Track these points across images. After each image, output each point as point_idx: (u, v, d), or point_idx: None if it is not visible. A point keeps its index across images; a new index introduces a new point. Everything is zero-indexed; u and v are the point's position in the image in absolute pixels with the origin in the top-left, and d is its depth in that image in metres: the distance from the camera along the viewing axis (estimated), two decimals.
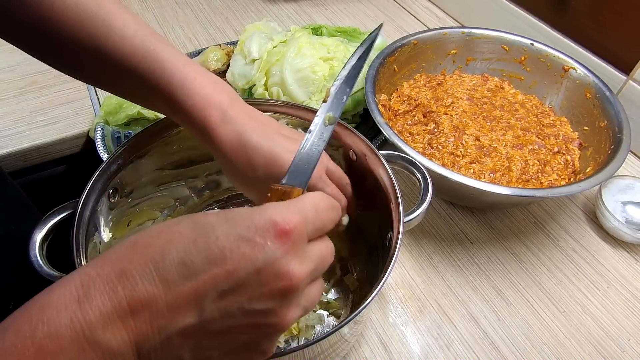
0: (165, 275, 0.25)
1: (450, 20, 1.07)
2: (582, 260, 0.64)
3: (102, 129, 0.72)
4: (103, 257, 0.27)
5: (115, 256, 0.27)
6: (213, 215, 0.28)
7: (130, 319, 0.25)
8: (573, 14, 0.80)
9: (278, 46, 0.78)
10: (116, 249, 0.27)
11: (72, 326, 0.24)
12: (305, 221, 0.28)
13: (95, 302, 0.25)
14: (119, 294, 0.25)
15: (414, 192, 0.72)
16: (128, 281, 0.25)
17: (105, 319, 0.25)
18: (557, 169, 0.66)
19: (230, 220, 0.27)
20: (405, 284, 0.61)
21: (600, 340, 0.56)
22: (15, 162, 0.74)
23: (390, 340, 0.55)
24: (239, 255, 0.26)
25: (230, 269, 0.26)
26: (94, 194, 0.46)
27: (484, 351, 0.55)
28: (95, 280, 0.26)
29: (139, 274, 0.25)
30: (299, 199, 0.30)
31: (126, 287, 0.25)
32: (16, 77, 0.85)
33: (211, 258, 0.26)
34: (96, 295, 0.25)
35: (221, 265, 0.26)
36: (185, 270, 0.25)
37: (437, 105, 0.73)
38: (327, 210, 0.30)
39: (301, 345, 0.37)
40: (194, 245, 0.26)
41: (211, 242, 0.26)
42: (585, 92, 0.72)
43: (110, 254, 0.27)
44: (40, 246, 0.42)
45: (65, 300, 0.25)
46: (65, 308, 0.25)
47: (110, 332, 0.25)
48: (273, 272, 0.26)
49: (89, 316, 0.25)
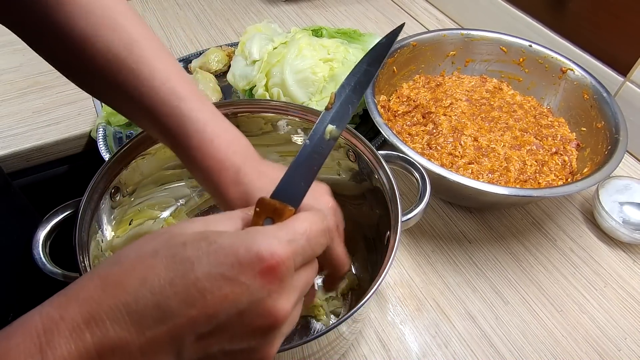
0: (139, 320, 0.24)
1: (450, 22, 1.08)
2: (579, 260, 0.65)
3: (104, 129, 0.73)
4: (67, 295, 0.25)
5: (82, 296, 0.25)
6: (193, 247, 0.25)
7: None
8: (571, 16, 0.81)
9: (278, 47, 0.79)
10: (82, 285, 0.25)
11: None
12: (295, 253, 0.26)
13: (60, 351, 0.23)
14: (87, 340, 0.23)
15: (412, 192, 0.72)
16: (97, 327, 0.23)
17: None
18: (555, 170, 0.67)
19: (212, 255, 0.25)
20: (404, 283, 0.61)
21: (597, 339, 0.57)
22: (18, 162, 0.75)
23: (388, 339, 0.56)
24: (221, 298, 0.24)
25: (211, 312, 0.24)
26: (96, 193, 0.47)
27: (481, 349, 0.55)
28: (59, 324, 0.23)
29: (109, 319, 0.24)
30: (290, 224, 0.28)
31: (95, 334, 0.23)
32: (19, 77, 0.86)
33: (189, 301, 0.24)
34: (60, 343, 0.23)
35: (200, 308, 0.24)
36: (161, 315, 0.24)
37: (436, 106, 0.74)
38: (319, 236, 0.28)
39: (299, 342, 0.38)
40: (171, 287, 0.24)
41: (190, 284, 0.24)
42: (582, 93, 0.72)
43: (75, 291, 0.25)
44: (44, 244, 0.43)
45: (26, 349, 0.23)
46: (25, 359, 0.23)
47: None
48: (257, 313, 0.25)
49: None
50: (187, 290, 0.24)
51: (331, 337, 0.43)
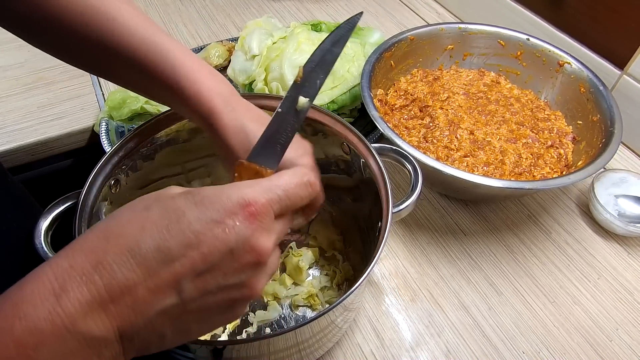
0: (143, 262, 0.26)
1: (450, 15, 1.08)
2: (573, 252, 0.66)
3: (106, 123, 0.74)
4: (73, 248, 0.27)
5: (87, 247, 0.27)
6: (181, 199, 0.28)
7: (110, 305, 0.26)
8: (569, 10, 0.81)
9: (278, 42, 0.80)
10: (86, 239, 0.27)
11: (51, 319, 0.24)
12: (271, 201, 0.29)
13: (73, 294, 0.25)
14: (97, 283, 0.25)
15: (408, 184, 0.73)
16: (105, 270, 0.26)
17: (85, 308, 0.25)
18: (550, 163, 0.68)
19: (199, 204, 0.28)
20: (399, 273, 0.62)
21: (588, 330, 0.58)
22: (22, 156, 0.77)
23: (382, 328, 0.57)
24: (213, 238, 0.27)
25: (206, 251, 0.27)
26: (95, 185, 0.48)
27: (473, 339, 0.56)
28: (70, 272, 0.26)
29: (116, 264, 0.26)
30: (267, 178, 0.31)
31: (104, 276, 0.26)
32: (24, 73, 0.87)
33: (186, 242, 0.27)
34: (73, 287, 0.25)
35: (197, 248, 0.27)
36: (162, 256, 0.26)
37: (433, 99, 0.74)
38: (297, 188, 0.31)
39: (292, 327, 0.39)
40: (168, 232, 0.27)
41: (185, 228, 0.27)
42: (579, 86, 0.73)
43: (80, 245, 0.27)
44: (45, 234, 0.44)
45: (41, 294, 0.25)
46: (42, 302, 0.25)
47: (92, 320, 0.25)
48: (244, 249, 0.28)
49: (68, 308, 0.25)
50: (182, 233, 0.27)
51: (323, 323, 0.44)
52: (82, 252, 0.27)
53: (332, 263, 0.61)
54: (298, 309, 0.58)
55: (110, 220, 0.28)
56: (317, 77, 0.37)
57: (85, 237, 0.28)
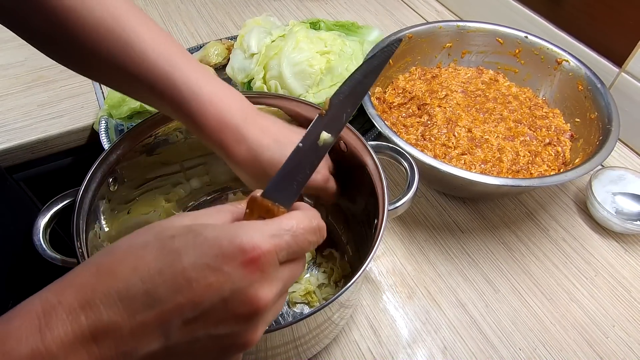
0: (130, 305, 0.25)
1: (449, 13, 1.08)
2: (571, 250, 0.66)
3: (105, 121, 0.74)
4: (63, 283, 0.27)
5: (77, 282, 0.26)
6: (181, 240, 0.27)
7: (93, 346, 0.25)
8: (567, 7, 0.81)
9: (276, 40, 0.80)
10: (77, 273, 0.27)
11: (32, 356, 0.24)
12: (278, 247, 0.27)
13: (57, 332, 0.25)
14: (82, 323, 0.25)
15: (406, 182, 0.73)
16: (92, 311, 0.25)
17: (67, 348, 0.25)
18: (548, 160, 0.68)
19: (197, 246, 0.26)
20: (396, 271, 0.63)
21: (585, 326, 0.58)
22: (23, 154, 0.77)
23: (379, 325, 0.57)
24: (206, 286, 0.26)
25: (197, 299, 0.26)
26: (93, 182, 0.48)
27: (470, 336, 0.57)
28: (57, 308, 0.25)
29: (102, 304, 0.25)
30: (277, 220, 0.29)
31: (89, 317, 0.25)
32: (24, 72, 0.88)
33: (176, 288, 0.26)
34: (58, 325, 0.25)
35: (187, 294, 0.26)
36: (150, 301, 0.26)
37: (431, 97, 0.74)
38: (306, 233, 0.29)
39: (288, 322, 0.40)
40: (160, 276, 0.26)
41: (178, 273, 0.26)
42: (577, 84, 0.73)
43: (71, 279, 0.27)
44: (44, 231, 0.45)
45: (26, 330, 0.25)
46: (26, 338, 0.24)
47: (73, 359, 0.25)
48: (239, 300, 0.26)
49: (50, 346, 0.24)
50: (174, 279, 0.26)
51: (319, 319, 0.45)
52: (72, 288, 0.26)
53: (330, 260, 0.62)
54: (296, 306, 0.58)
55: (106, 255, 0.28)
56: (344, 111, 0.35)
57: (78, 270, 0.27)
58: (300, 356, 0.50)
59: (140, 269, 0.26)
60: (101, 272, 0.26)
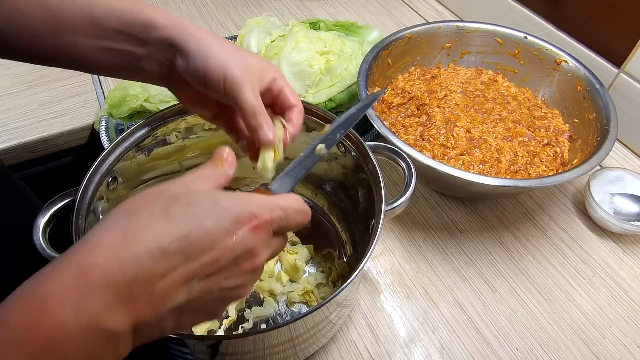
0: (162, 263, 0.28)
1: (449, 13, 1.08)
2: (568, 250, 0.66)
3: (106, 121, 0.75)
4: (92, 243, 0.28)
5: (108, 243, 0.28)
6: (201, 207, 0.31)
7: (131, 303, 0.27)
8: (566, 8, 0.81)
9: (276, 40, 0.80)
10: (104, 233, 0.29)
11: (77, 317, 0.26)
12: (273, 219, 0.33)
13: (98, 293, 0.27)
14: (120, 282, 0.27)
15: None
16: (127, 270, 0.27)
17: (108, 306, 0.27)
18: (546, 161, 0.68)
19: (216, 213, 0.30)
20: (394, 271, 0.63)
21: (582, 327, 0.58)
22: (24, 153, 0.78)
23: (377, 324, 0.58)
24: (224, 246, 0.30)
25: (216, 258, 0.30)
26: (93, 182, 0.49)
27: (467, 335, 0.57)
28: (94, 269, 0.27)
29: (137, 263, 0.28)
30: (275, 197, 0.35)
31: (127, 275, 0.27)
32: (25, 71, 0.88)
33: (202, 248, 0.29)
34: (97, 286, 0.27)
35: (209, 254, 0.30)
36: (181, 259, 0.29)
37: (430, 98, 0.75)
38: (296, 213, 0.35)
39: (285, 321, 0.40)
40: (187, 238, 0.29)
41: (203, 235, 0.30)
42: (576, 84, 0.73)
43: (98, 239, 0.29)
44: (44, 230, 0.45)
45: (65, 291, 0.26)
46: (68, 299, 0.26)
47: (114, 318, 0.27)
48: (246, 257, 0.31)
49: (92, 307, 0.26)
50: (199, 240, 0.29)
51: (317, 318, 0.45)
52: (102, 248, 0.28)
53: (328, 260, 0.62)
54: (294, 306, 0.58)
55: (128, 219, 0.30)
56: (338, 132, 0.45)
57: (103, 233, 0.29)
58: (297, 355, 0.50)
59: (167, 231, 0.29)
60: (129, 234, 0.29)
